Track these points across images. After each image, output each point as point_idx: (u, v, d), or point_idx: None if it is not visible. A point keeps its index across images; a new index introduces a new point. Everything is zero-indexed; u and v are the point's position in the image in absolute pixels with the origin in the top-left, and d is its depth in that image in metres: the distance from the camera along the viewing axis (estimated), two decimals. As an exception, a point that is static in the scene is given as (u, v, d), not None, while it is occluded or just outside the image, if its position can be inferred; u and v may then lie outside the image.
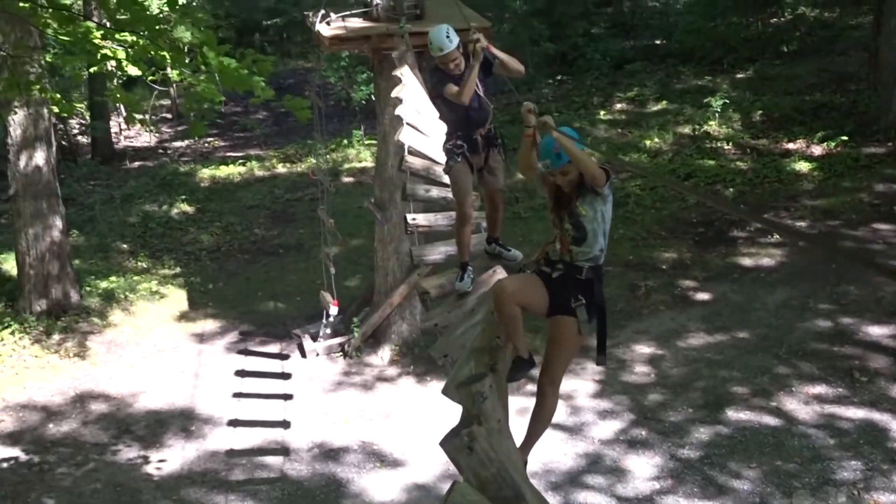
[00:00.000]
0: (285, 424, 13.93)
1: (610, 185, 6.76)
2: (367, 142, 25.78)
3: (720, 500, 11.52)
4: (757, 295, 16.20)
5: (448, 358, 8.20)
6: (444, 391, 7.34)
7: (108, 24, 7.55)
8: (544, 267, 6.96)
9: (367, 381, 15.00)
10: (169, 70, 7.81)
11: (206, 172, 25.72)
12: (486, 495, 6.41)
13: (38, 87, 9.15)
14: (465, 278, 8.91)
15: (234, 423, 14.04)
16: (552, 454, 12.53)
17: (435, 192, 10.50)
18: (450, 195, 10.17)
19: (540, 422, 7.24)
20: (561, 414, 13.45)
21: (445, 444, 6.55)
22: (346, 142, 26.48)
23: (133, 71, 8.03)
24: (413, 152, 10.64)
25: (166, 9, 27.11)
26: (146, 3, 25.78)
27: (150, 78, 8.18)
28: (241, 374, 15.42)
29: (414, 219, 10.49)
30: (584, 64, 29.86)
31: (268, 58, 7.54)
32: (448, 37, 8.82)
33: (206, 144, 29.67)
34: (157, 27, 7.26)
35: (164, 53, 7.22)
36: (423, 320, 11.89)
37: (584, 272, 6.80)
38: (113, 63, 7.87)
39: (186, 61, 7.62)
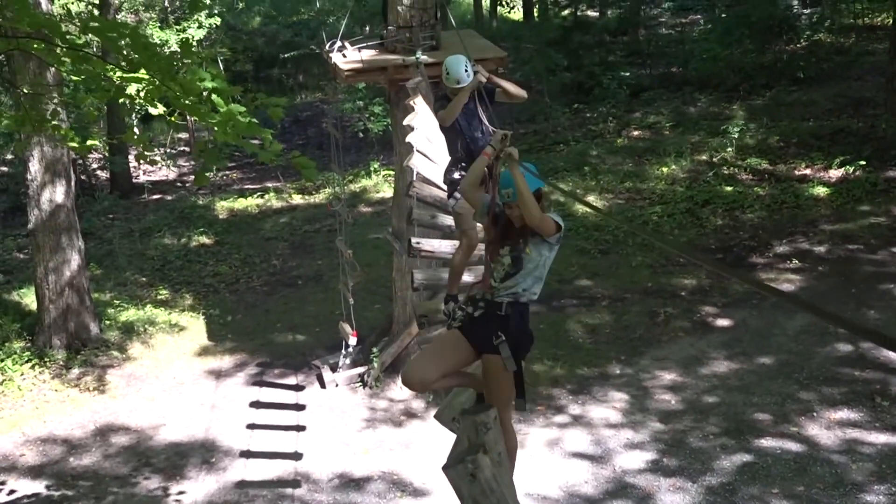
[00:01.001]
0: (297, 456, 13.90)
1: (559, 238, 6.74)
2: (384, 173, 25.87)
3: (743, 526, 11.46)
4: (777, 320, 16.15)
5: None
6: (437, 416, 7.33)
7: (123, 64, 7.60)
8: (469, 307, 6.93)
9: (386, 410, 14.98)
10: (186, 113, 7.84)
11: (224, 205, 25.84)
12: None
13: (51, 123, 9.19)
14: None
15: (256, 454, 14.01)
16: (574, 480, 12.49)
17: (441, 219, 10.53)
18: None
19: (510, 449, 7.14)
20: (583, 442, 13.43)
21: (448, 468, 6.54)
22: (363, 173, 26.57)
23: (151, 110, 8.07)
24: (422, 179, 10.69)
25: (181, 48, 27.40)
26: (165, 40, 26.12)
27: (170, 119, 8.22)
28: (256, 405, 15.41)
29: (418, 242, 10.53)
30: (601, 92, 29.90)
31: (279, 100, 7.55)
32: (466, 71, 8.88)
33: (224, 177, 29.79)
34: (170, 69, 7.30)
35: (178, 94, 7.25)
36: (419, 342, 11.92)
37: (503, 307, 6.74)
38: (130, 99, 7.91)
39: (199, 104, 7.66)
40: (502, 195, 6.68)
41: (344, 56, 14.45)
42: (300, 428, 14.68)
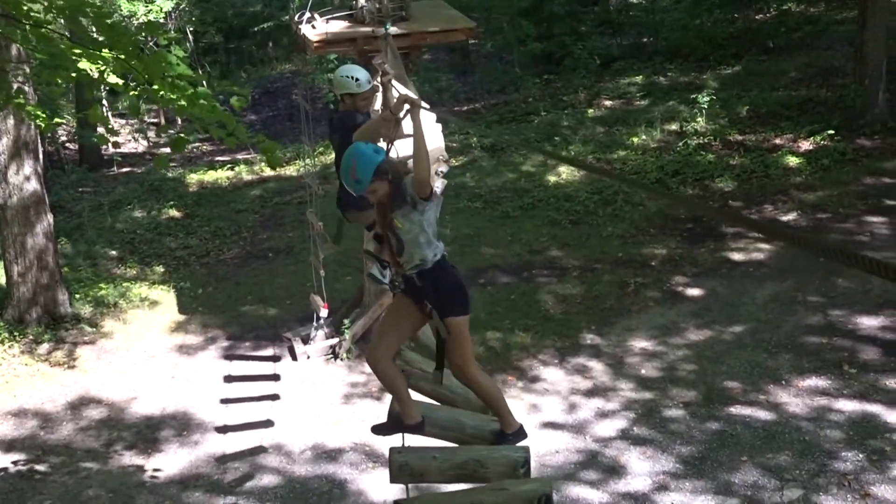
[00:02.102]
0: (279, 423, 13.94)
1: (430, 203, 6.64)
2: (355, 144, 25.77)
3: (712, 493, 11.56)
4: (746, 289, 16.25)
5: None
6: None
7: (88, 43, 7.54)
8: (398, 279, 6.97)
9: (357, 382, 15.00)
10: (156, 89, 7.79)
11: (194, 177, 25.71)
12: None
13: (18, 100, 9.12)
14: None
15: (224, 428, 14.03)
16: (546, 450, 12.56)
17: None
18: None
19: (492, 401, 7.20)
20: (555, 411, 13.50)
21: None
22: (334, 144, 26.48)
23: (114, 79, 8.02)
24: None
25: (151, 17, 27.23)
26: (133, 11, 25.93)
27: (133, 93, 8.17)
28: (229, 379, 15.40)
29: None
30: (572, 63, 29.91)
31: (243, 90, 7.57)
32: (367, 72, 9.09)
33: (195, 149, 29.65)
34: (136, 50, 7.27)
35: (142, 75, 7.21)
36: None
37: (416, 280, 6.77)
38: (95, 76, 7.86)
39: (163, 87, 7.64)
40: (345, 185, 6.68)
41: (313, 27, 14.40)
42: (275, 397, 14.71)
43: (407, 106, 6.87)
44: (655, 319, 15.80)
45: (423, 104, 6.84)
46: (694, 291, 16.53)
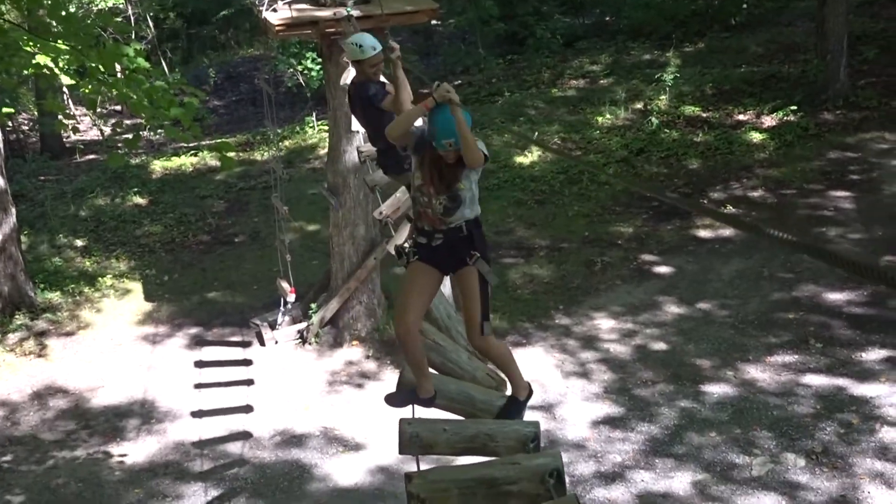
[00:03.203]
0: (248, 409, 13.93)
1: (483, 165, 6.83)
2: (319, 127, 25.65)
3: (683, 470, 11.62)
4: (713, 266, 16.30)
5: None
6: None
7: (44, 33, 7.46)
8: (420, 238, 6.94)
9: (325, 367, 14.97)
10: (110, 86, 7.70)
11: (158, 164, 25.48)
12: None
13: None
14: None
15: (197, 413, 13.97)
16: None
17: None
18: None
19: (507, 365, 7.37)
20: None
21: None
22: (298, 129, 26.34)
23: (66, 80, 7.94)
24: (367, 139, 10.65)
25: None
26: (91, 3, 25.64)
27: (86, 91, 8.08)
28: (200, 364, 15.34)
29: (381, 212, 10.52)
30: (535, 42, 29.83)
31: (198, 91, 7.55)
32: (375, 38, 9.04)
33: (158, 135, 29.39)
34: (91, 41, 7.20)
35: (97, 67, 7.13)
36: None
37: (463, 229, 6.80)
38: (46, 70, 7.78)
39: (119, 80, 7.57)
40: (443, 145, 6.66)
41: (275, 11, 14.29)
42: (244, 383, 14.67)
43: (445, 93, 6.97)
44: (623, 297, 15.84)
45: (456, 97, 6.94)
46: (661, 269, 16.57)
